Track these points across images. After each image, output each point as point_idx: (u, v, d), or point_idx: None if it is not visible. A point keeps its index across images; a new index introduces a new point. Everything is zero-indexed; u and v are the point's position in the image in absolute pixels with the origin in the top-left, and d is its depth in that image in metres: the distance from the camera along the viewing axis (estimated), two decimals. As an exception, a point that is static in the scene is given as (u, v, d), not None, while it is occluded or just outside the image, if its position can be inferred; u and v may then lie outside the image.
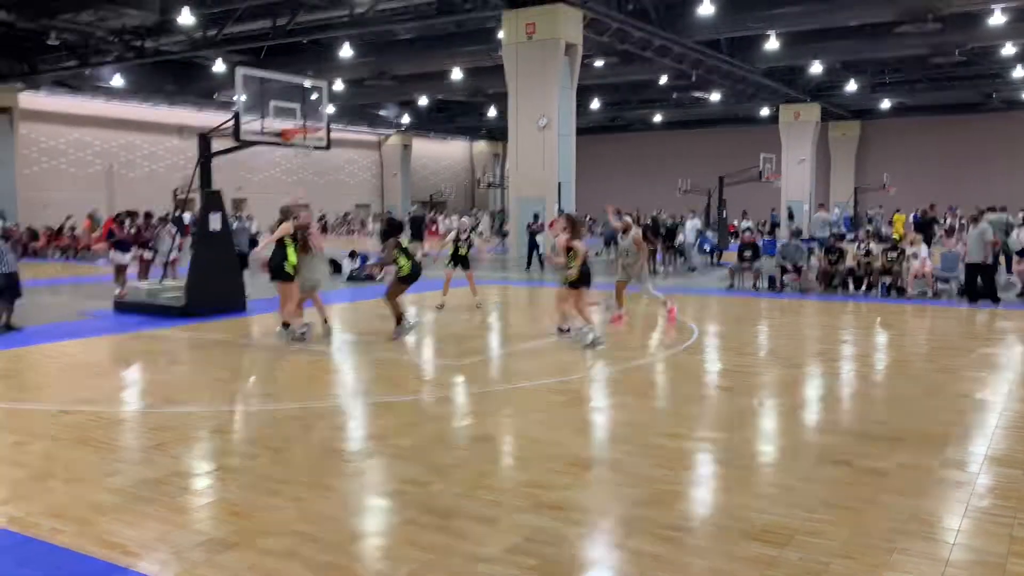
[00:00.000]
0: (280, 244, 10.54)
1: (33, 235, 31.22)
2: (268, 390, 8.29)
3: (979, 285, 14.91)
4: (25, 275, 21.38)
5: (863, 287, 16.47)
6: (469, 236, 14.58)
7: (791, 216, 39.56)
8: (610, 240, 24.67)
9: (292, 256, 10.64)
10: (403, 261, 10.95)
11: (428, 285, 13.60)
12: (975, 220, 15.80)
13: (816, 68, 36.71)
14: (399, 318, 11.00)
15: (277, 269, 10.57)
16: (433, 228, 44.81)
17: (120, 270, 16.12)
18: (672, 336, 11.58)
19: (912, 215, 32.34)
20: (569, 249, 10.62)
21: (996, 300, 14.81)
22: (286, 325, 10.79)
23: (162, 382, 8.70)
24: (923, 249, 16.28)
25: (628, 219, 13.64)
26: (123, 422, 7.13)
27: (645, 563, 4.25)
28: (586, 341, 10.29)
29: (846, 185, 48.06)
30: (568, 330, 11.04)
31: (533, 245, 22.74)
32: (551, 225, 23.32)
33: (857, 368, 9.57)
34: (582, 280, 10.57)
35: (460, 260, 14.18)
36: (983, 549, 4.44)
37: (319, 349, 10.53)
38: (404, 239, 11.36)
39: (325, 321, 11.52)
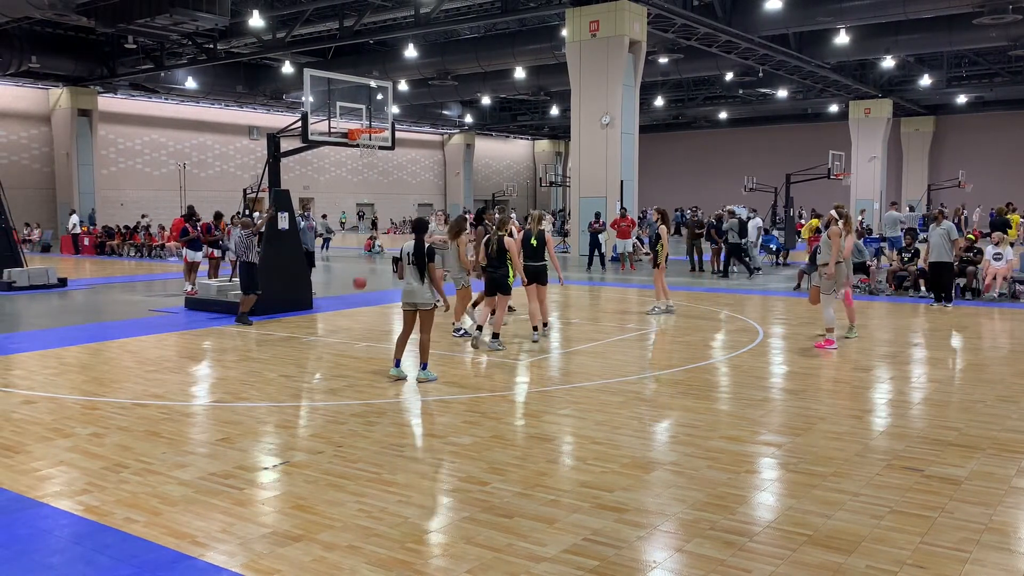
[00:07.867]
0: (502, 257, 10.64)
1: (109, 233, 32.35)
2: (332, 386, 8.43)
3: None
4: (101, 272, 22.06)
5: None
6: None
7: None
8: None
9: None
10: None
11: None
12: None
13: (888, 62, 35.73)
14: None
15: (503, 283, 10.71)
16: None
17: (191, 268, 16.59)
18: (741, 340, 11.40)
19: (989, 213, 31.26)
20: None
21: None
22: (496, 336, 10.64)
23: (229, 378, 8.93)
24: (1008, 251, 15.66)
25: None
26: (192, 416, 7.33)
27: (707, 567, 4.19)
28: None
29: (919, 183, 46.72)
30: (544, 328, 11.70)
31: (595, 244, 22.50)
32: (613, 224, 23.27)
33: (929, 372, 9.28)
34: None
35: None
36: (1062, 562, 4.26)
37: (383, 347, 10.67)
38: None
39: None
